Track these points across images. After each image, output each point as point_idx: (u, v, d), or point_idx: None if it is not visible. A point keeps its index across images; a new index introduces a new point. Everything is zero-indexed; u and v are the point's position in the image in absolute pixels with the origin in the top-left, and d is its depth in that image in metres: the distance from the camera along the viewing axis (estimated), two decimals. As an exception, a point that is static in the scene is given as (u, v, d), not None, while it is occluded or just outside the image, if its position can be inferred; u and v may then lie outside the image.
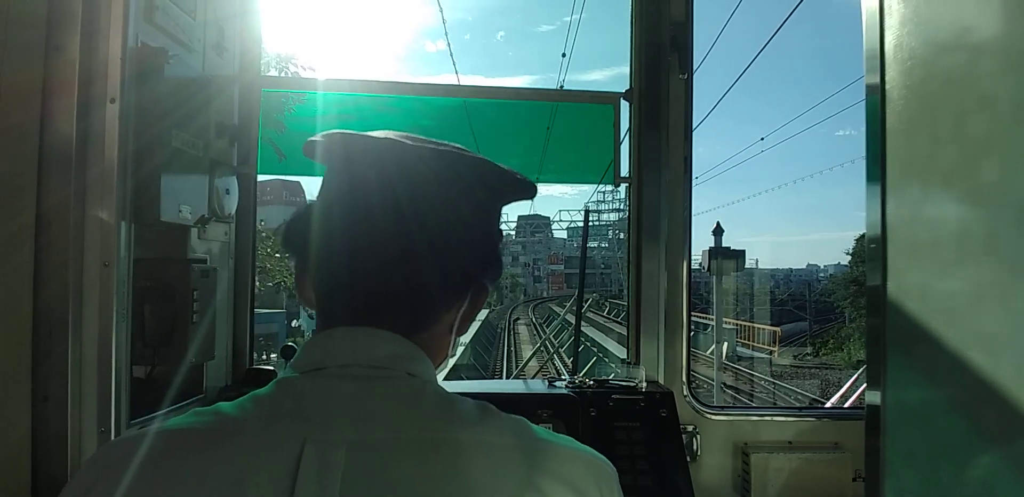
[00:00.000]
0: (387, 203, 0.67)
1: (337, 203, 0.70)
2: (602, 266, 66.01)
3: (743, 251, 8.84)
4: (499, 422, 0.64)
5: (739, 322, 22.76)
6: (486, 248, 0.74)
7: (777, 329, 22.97)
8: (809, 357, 23.20)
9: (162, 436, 0.60)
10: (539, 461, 0.61)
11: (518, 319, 40.66)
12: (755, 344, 21.80)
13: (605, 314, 34.60)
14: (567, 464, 0.63)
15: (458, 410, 0.64)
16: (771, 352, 21.17)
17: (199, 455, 0.57)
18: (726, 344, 18.78)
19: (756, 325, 23.26)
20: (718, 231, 9.25)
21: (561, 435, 0.67)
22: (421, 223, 0.67)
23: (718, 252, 8.60)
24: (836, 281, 34.93)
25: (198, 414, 0.62)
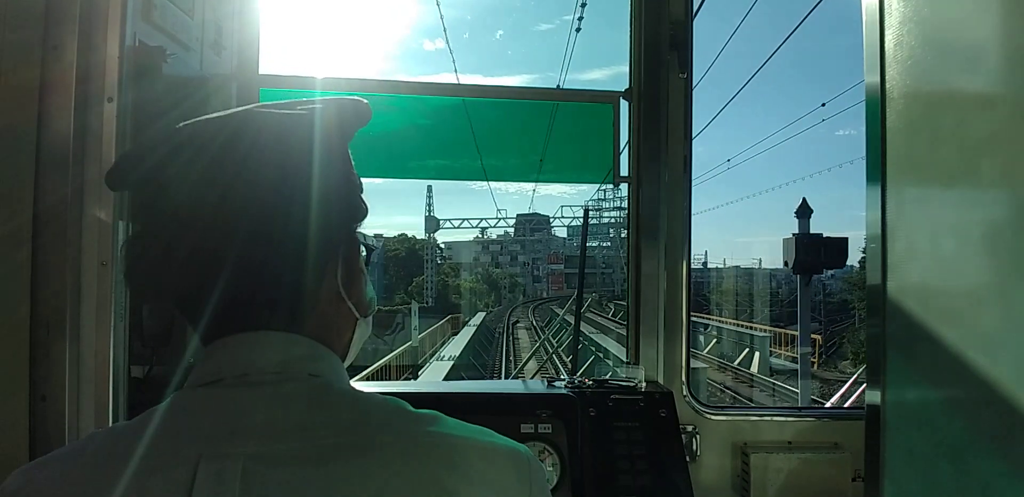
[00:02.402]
0: (211, 190, 0.60)
1: (163, 211, 0.62)
2: (603, 266, 65.88)
3: (845, 239, 6.15)
4: (407, 420, 0.61)
5: (770, 328, 20.08)
6: (340, 196, 0.67)
7: (817, 337, 19.60)
8: (849, 366, 20.95)
9: (59, 463, 0.59)
10: (451, 460, 0.58)
11: (517, 322, 38.53)
12: (787, 352, 18.73)
13: (610, 317, 33.34)
14: (482, 461, 0.60)
15: (363, 411, 0.61)
16: (811, 363, 18.34)
17: (93, 482, 0.55)
18: (758, 354, 16.52)
19: (792, 332, 20.05)
20: (804, 212, 6.50)
21: (476, 427, 0.63)
22: (255, 200, 0.61)
23: (807, 241, 5.89)
24: (852, 280, 33.82)
25: (95, 436, 0.61)
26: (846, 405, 6.72)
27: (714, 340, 19.93)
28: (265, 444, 0.56)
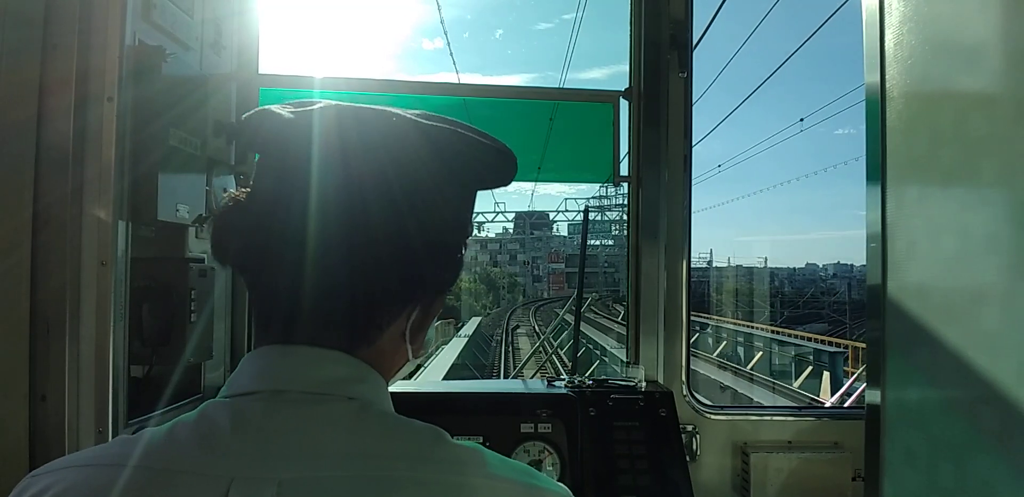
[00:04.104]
0: (343, 194, 0.58)
1: (277, 191, 0.60)
2: (605, 265, 65.29)
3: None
4: (448, 455, 0.58)
5: (843, 341, 15.54)
6: (451, 247, 0.65)
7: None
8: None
9: (86, 473, 0.56)
10: None
11: (517, 327, 34.99)
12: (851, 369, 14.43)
13: (619, 320, 31.74)
14: None
15: (403, 442, 0.58)
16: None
17: (126, 493, 0.53)
18: (827, 375, 13.45)
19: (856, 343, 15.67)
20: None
21: (520, 466, 0.60)
22: (383, 218, 0.59)
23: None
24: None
25: (125, 444, 0.58)
26: (846, 405, 6.71)
27: (759, 352, 16.44)
28: (299, 470, 0.53)
